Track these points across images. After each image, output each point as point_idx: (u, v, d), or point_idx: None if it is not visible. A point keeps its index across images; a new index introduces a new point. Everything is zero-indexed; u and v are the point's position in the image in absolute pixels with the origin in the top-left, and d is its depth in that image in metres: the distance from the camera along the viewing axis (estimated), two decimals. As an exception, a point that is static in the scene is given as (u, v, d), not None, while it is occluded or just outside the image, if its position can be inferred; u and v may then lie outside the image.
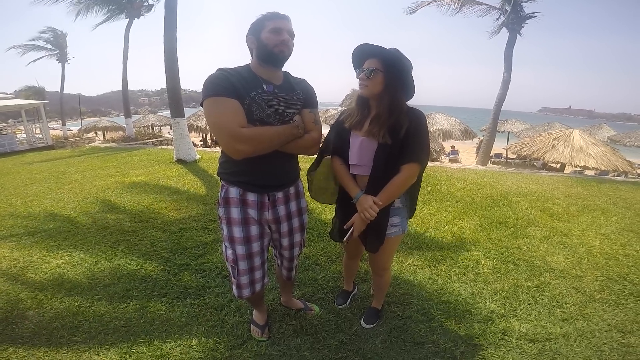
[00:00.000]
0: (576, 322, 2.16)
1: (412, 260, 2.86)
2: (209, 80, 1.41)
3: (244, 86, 1.42)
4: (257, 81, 1.47)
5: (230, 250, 1.62)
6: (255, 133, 1.42)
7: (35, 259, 2.88)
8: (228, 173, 1.59)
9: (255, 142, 1.42)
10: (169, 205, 4.18)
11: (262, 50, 1.46)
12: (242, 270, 1.65)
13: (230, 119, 1.39)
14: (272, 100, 1.48)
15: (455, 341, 1.97)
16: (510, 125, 18.04)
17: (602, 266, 2.87)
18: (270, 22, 1.45)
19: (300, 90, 1.60)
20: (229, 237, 1.61)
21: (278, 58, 1.48)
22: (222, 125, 1.39)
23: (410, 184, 1.59)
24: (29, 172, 6.71)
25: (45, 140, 12.50)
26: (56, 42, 20.99)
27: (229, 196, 1.58)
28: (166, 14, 7.01)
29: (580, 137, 9.07)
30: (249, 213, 1.59)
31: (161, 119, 21.05)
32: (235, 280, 1.68)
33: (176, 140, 7.31)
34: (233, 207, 1.58)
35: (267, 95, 1.47)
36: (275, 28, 1.44)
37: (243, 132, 1.39)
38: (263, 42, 1.45)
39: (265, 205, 1.61)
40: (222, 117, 1.39)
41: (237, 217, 1.58)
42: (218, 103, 1.39)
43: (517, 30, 11.57)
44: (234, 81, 1.41)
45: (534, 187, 5.44)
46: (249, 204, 1.58)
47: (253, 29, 1.48)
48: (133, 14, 14.72)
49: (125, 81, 15.24)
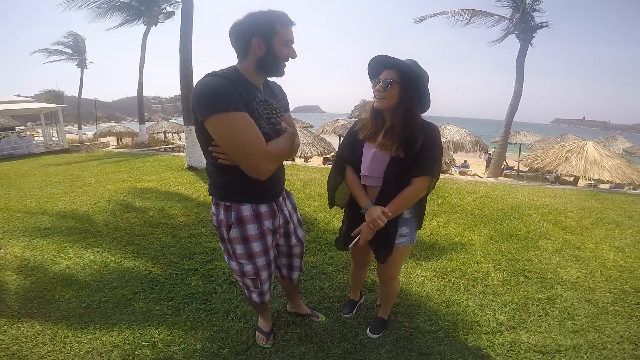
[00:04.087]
0: (587, 334, 2.11)
1: (420, 271, 2.82)
2: (211, 89, 1.22)
3: (247, 96, 1.29)
4: (252, 89, 1.34)
5: (250, 265, 1.57)
6: (277, 148, 1.35)
7: (46, 260, 2.93)
8: (237, 192, 1.46)
9: (279, 158, 1.37)
10: (179, 211, 4.22)
11: (270, 61, 1.33)
12: (264, 279, 1.65)
13: (256, 138, 1.25)
14: (267, 109, 1.38)
15: (462, 352, 1.93)
16: (522, 137, 17.82)
17: (616, 279, 2.80)
18: (284, 29, 1.31)
19: (279, 95, 1.54)
20: (248, 254, 1.54)
21: (282, 72, 1.40)
22: (250, 146, 1.24)
23: (420, 197, 1.60)
24: (44, 175, 6.87)
25: (61, 143, 12.83)
26: (76, 47, 21.67)
27: (242, 215, 1.48)
28: (182, 22, 7.18)
29: (595, 149, 8.88)
30: (264, 225, 1.53)
31: (174, 126, 21.42)
32: (258, 289, 1.67)
33: (188, 148, 7.41)
34: (249, 225, 1.49)
35: (262, 104, 1.36)
36: (289, 41, 1.34)
37: (271, 150, 1.30)
38: (275, 53, 1.32)
39: (276, 212, 1.59)
40: (246, 137, 1.23)
41: (254, 233, 1.51)
42: (236, 119, 1.22)
43: (528, 40, 11.50)
44: (240, 90, 1.26)
45: (547, 200, 5.34)
46: (263, 216, 1.52)
47: (261, 30, 1.28)
48: (151, 22, 15.15)
49: (141, 87, 15.59)
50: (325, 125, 16.19)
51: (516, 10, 11.36)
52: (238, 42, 1.33)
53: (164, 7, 15.23)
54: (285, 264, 1.86)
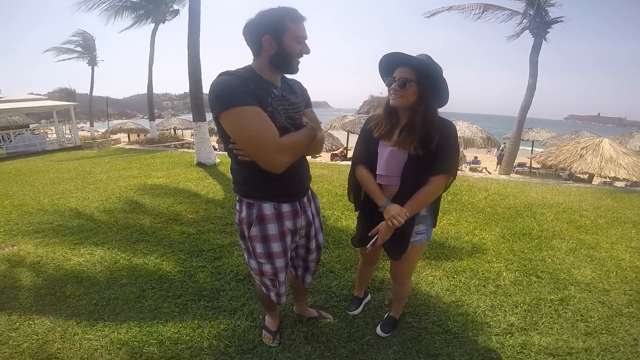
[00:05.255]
0: (600, 337, 2.06)
1: (429, 270, 2.78)
2: (224, 86, 1.26)
3: (260, 92, 1.30)
4: (266, 86, 1.35)
5: (268, 265, 1.56)
6: (293, 141, 1.35)
7: (57, 256, 2.98)
8: (258, 189, 1.46)
9: (294, 150, 1.36)
10: (188, 208, 4.25)
11: (282, 58, 1.34)
12: (282, 281, 1.64)
13: (269, 130, 1.26)
14: (284, 105, 1.39)
15: (472, 354, 1.90)
16: (535, 134, 17.46)
17: (632, 280, 2.72)
18: (294, 25, 1.31)
19: (299, 91, 1.53)
20: (267, 254, 1.53)
21: (295, 69, 1.40)
22: (261, 139, 1.26)
23: (438, 195, 1.57)
24: (57, 171, 7.01)
25: (74, 140, 13.08)
26: (86, 45, 21.89)
27: (264, 213, 1.47)
28: (190, 19, 7.20)
29: (611, 146, 8.66)
30: (285, 225, 1.52)
31: (183, 122, 21.62)
32: (276, 289, 1.66)
33: (197, 144, 7.46)
34: (270, 224, 1.49)
35: (279, 100, 1.37)
36: (301, 37, 1.33)
37: (285, 143, 1.31)
38: (286, 50, 1.32)
39: (299, 213, 1.56)
40: (258, 129, 1.25)
41: (275, 233, 1.50)
42: (247, 113, 1.24)
43: (543, 35, 11.19)
44: (251, 86, 1.28)
45: (560, 199, 5.22)
46: (285, 216, 1.51)
47: (272, 27, 1.29)
48: (159, 19, 15.24)
49: (151, 85, 15.71)
50: (333, 121, 16.02)
51: (530, 5, 11.07)
52: (251, 40, 1.35)
53: (170, 5, 15.30)
54: (302, 265, 1.83)
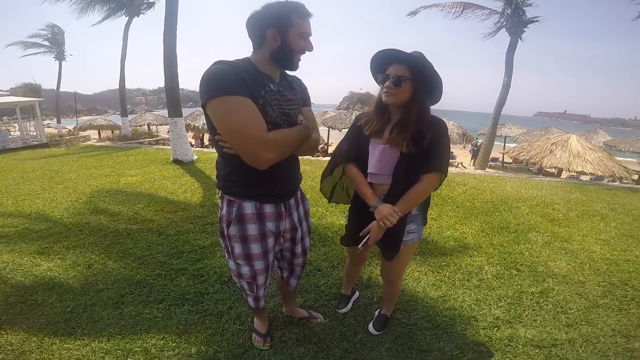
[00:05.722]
0: (581, 328, 2.14)
1: (415, 266, 2.81)
2: (215, 74, 1.19)
3: (254, 84, 1.24)
4: (262, 79, 1.30)
5: (247, 267, 1.51)
6: (281, 137, 1.29)
7: (25, 262, 2.78)
8: (239, 185, 1.41)
9: (282, 147, 1.29)
10: (165, 207, 4.09)
11: (284, 53, 1.29)
12: (260, 284, 1.58)
13: (255, 122, 1.20)
14: (279, 100, 1.33)
15: (462, 348, 1.93)
16: (507, 130, 18.11)
17: (604, 272, 2.86)
18: (300, 20, 1.26)
19: (298, 88, 1.48)
20: (246, 255, 1.48)
21: (295, 66, 1.36)
22: (245, 131, 1.19)
23: (430, 193, 1.56)
24: (21, 171, 6.57)
25: (39, 138, 12.33)
26: (54, 39, 20.72)
27: (243, 213, 1.41)
28: (167, 12, 6.91)
29: (578, 142, 9.10)
30: (267, 226, 1.46)
31: (158, 118, 20.86)
32: (253, 294, 1.61)
33: (173, 140, 7.21)
34: (250, 224, 1.43)
35: (274, 94, 1.31)
36: (305, 33, 1.29)
37: (270, 137, 1.24)
38: (289, 46, 1.28)
39: (283, 215, 1.51)
40: (244, 120, 1.18)
41: (254, 234, 1.45)
42: (235, 103, 1.18)
43: (519, 34, 11.60)
44: (244, 77, 1.21)
45: (534, 193, 5.43)
46: (267, 217, 1.45)
47: (277, 21, 1.24)
48: (133, 12, 14.65)
49: (123, 80, 15.13)
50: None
51: (508, 4, 11.43)
52: (253, 32, 1.30)
53: (145, -3, 14.72)
54: (287, 268, 1.79)
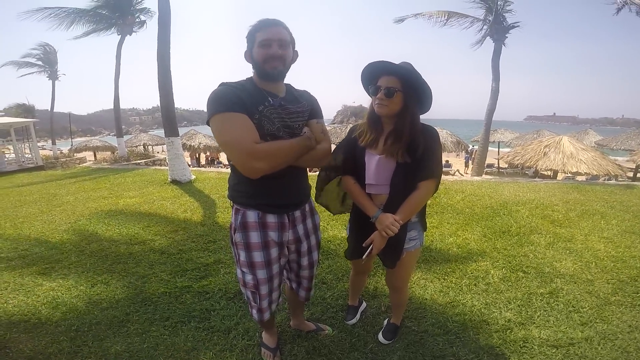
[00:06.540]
0: (596, 326, 2.13)
1: (420, 274, 2.79)
2: (214, 95, 1.32)
3: (251, 100, 1.33)
4: (262, 95, 1.38)
5: (250, 275, 1.52)
6: (271, 148, 1.33)
7: (26, 282, 2.75)
8: (244, 196, 1.47)
9: (272, 157, 1.33)
10: (166, 227, 4.06)
11: (256, 68, 1.39)
12: (263, 295, 1.57)
13: (244, 135, 1.28)
14: (280, 113, 1.39)
15: (477, 352, 1.91)
16: (500, 135, 18.35)
17: (611, 269, 2.86)
18: (260, 33, 1.34)
19: (305, 101, 1.51)
20: (249, 263, 1.51)
21: (271, 75, 1.38)
22: (235, 143, 1.28)
23: (428, 199, 1.58)
24: (18, 194, 6.52)
25: (35, 160, 12.22)
26: (47, 58, 20.76)
27: (247, 220, 1.47)
28: (160, 30, 6.94)
29: (570, 143, 9.23)
30: (269, 236, 1.49)
31: (153, 138, 20.87)
32: (257, 305, 1.59)
33: (170, 160, 7.16)
34: (252, 232, 1.47)
35: (274, 108, 1.38)
36: (263, 41, 1.33)
37: (258, 148, 1.29)
38: (254, 59, 1.37)
39: (286, 226, 1.53)
40: (234, 134, 1.28)
41: (257, 242, 1.48)
42: (228, 119, 1.29)
43: (502, 40, 11.90)
44: (240, 95, 1.32)
45: (532, 195, 5.46)
46: (269, 227, 1.48)
47: (247, 43, 1.40)
48: (125, 31, 14.66)
49: (117, 99, 15.02)
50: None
51: (489, 12, 11.75)
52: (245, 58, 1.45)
53: (137, 16, 14.84)
54: (295, 279, 1.78)
